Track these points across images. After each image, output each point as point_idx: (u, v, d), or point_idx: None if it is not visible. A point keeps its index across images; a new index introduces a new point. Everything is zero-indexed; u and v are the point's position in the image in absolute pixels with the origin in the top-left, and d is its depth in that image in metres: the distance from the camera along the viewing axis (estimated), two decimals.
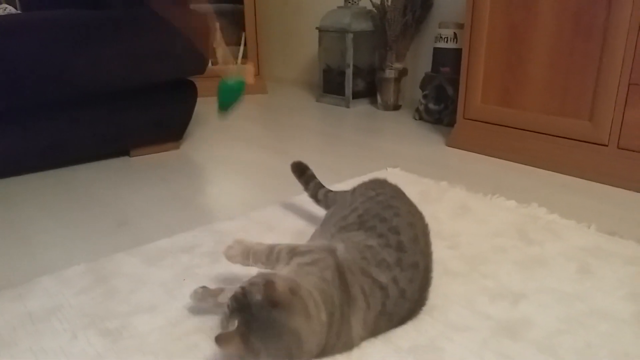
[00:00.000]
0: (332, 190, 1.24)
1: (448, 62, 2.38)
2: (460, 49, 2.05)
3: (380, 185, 1.09)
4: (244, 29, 3.26)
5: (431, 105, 2.46)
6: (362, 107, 2.91)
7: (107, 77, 1.72)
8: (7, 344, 0.86)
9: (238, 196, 1.59)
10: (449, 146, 2.09)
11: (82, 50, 1.64)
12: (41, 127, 1.71)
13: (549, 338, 0.87)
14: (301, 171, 1.30)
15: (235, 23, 3.30)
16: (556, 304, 0.97)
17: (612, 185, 1.62)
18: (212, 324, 0.91)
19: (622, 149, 1.61)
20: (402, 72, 2.74)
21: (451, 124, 2.17)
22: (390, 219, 0.94)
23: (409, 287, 0.87)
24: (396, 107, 2.78)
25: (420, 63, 2.81)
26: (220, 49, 3.33)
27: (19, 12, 1.87)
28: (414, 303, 0.90)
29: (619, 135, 1.61)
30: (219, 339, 0.71)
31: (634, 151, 1.58)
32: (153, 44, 1.79)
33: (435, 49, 2.46)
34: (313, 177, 1.28)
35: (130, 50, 1.73)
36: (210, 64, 3.21)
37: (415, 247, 0.91)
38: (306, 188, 1.28)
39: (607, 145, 1.64)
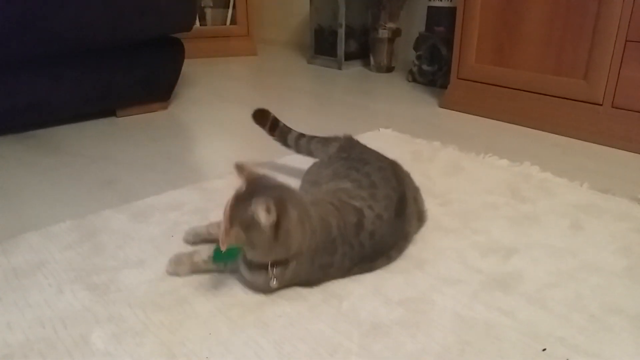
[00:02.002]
0: (304, 136, 1.23)
1: (443, 21, 2.32)
2: (455, 7, 2.00)
3: (350, 145, 1.13)
4: None
5: (425, 67, 2.41)
6: (355, 69, 2.85)
7: (89, 32, 1.65)
8: None
9: (226, 156, 1.56)
10: (442, 107, 2.06)
11: (63, 2, 1.57)
12: (22, 85, 1.65)
13: (540, 291, 0.87)
14: (264, 118, 1.28)
15: None
16: (547, 258, 0.97)
17: (606, 145, 1.61)
18: (200, 279, 0.90)
19: (617, 107, 1.59)
20: (396, 32, 2.68)
21: (445, 85, 2.14)
22: (362, 167, 0.98)
23: (384, 212, 0.90)
24: (389, 69, 2.73)
25: (415, 23, 2.75)
26: (210, 9, 3.23)
27: None
28: (394, 230, 0.92)
29: (614, 94, 1.58)
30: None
31: (628, 110, 1.56)
32: None
33: (429, 7, 2.40)
34: (277, 121, 1.28)
35: (114, 3, 1.66)
36: (198, 24, 3.15)
37: (387, 184, 0.95)
38: (272, 134, 1.28)
39: (601, 105, 1.62)
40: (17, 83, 1.65)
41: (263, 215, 0.75)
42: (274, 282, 0.82)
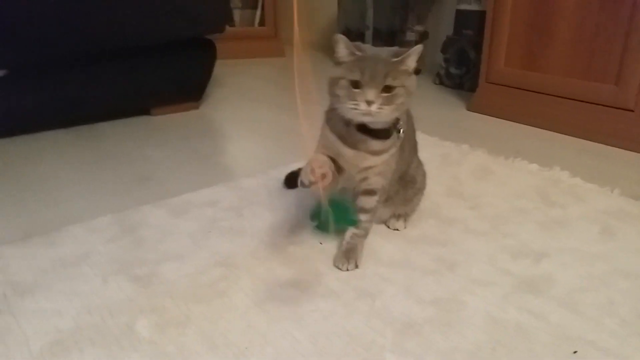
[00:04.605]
0: None
1: (471, 24, 2.33)
2: (484, 11, 2.01)
3: None
4: None
5: (452, 70, 2.42)
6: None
7: (124, 33, 1.71)
8: (41, 287, 0.89)
9: (257, 155, 1.60)
10: (470, 110, 2.06)
11: (99, 4, 1.63)
12: (60, 83, 1.72)
13: (571, 295, 0.88)
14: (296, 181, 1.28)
15: None
16: (578, 262, 0.98)
17: (637, 152, 1.60)
18: (238, 272, 0.93)
19: None
20: (423, 35, 2.68)
21: (472, 88, 2.14)
22: None
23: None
24: (416, 72, 2.71)
25: (442, 26, 2.75)
26: (238, 10, 3.28)
27: None
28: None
29: None
30: None
31: None
32: (172, 0, 1.77)
33: (457, 10, 2.40)
34: None
35: (149, 6, 1.72)
36: (227, 25, 3.20)
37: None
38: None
39: (633, 111, 1.61)
40: (58, 80, 1.71)
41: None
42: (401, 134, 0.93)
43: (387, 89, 0.83)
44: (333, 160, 0.92)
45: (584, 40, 1.69)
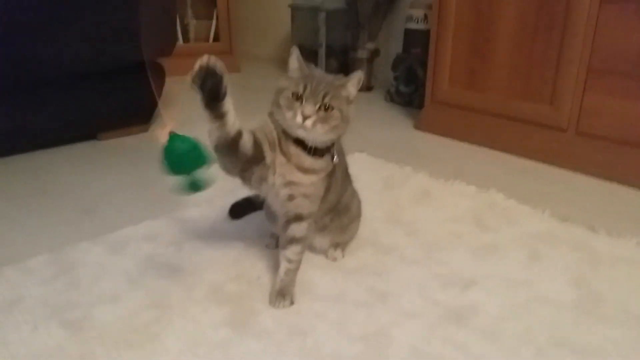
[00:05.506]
0: None
1: (419, 43, 2.39)
2: (429, 30, 2.07)
3: None
4: (215, 5, 3.20)
5: (402, 87, 2.47)
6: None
7: (69, 59, 1.68)
8: None
9: None
10: (417, 129, 2.12)
11: (42, 31, 1.60)
12: (2, 112, 1.68)
13: (494, 324, 0.92)
14: (242, 211, 1.31)
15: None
16: (504, 290, 1.02)
17: (571, 170, 1.68)
18: (172, 314, 0.93)
19: (581, 134, 1.66)
20: (375, 53, 2.74)
21: (421, 106, 2.20)
22: None
23: None
24: (369, 88, 2.79)
25: (393, 44, 2.81)
26: (192, 24, 3.26)
27: None
28: None
29: (578, 120, 1.65)
30: None
31: (591, 137, 1.63)
32: (116, 25, 1.76)
33: (406, 29, 2.46)
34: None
35: (92, 32, 1.70)
36: (181, 40, 3.19)
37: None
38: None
39: (566, 131, 1.69)
40: None
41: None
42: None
43: (325, 107, 0.88)
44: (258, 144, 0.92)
45: (520, 63, 1.76)
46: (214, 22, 3.26)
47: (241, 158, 0.89)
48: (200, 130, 0.90)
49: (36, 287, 1.02)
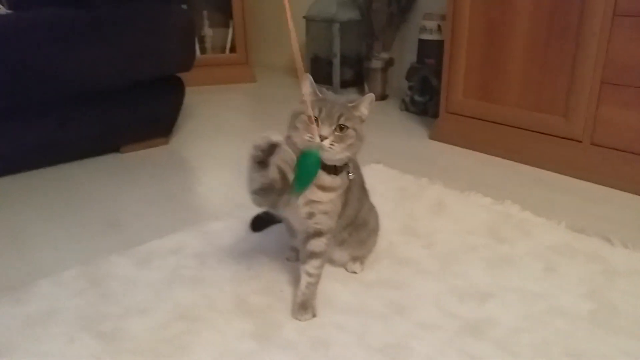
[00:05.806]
0: None
1: (432, 53, 2.42)
2: (443, 41, 2.09)
3: None
4: (231, 16, 3.27)
5: (416, 97, 2.50)
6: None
7: (94, 77, 1.75)
8: (7, 348, 0.93)
9: (225, 193, 1.65)
10: (432, 139, 2.14)
11: (68, 51, 1.67)
12: (30, 128, 1.75)
13: (510, 336, 0.95)
14: (262, 224, 1.35)
15: (224, 10, 3.30)
16: (520, 302, 1.05)
17: (586, 180, 1.69)
18: (199, 326, 0.98)
19: (595, 145, 1.67)
20: (389, 62, 2.77)
21: (436, 115, 2.22)
22: None
23: None
24: (383, 97, 2.83)
25: (407, 53, 2.84)
26: (209, 35, 3.32)
27: (8, 11, 1.88)
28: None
29: (592, 131, 1.67)
30: None
31: (606, 147, 1.65)
32: (138, 42, 1.82)
33: (420, 40, 2.49)
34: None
35: (116, 50, 1.76)
36: (198, 52, 3.25)
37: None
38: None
39: (581, 142, 1.70)
40: (24, 126, 1.74)
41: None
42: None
43: (340, 128, 0.93)
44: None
45: (534, 74, 1.78)
46: (230, 33, 3.33)
47: (275, 193, 0.94)
48: (221, 139, 0.94)
49: (70, 299, 1.07)
